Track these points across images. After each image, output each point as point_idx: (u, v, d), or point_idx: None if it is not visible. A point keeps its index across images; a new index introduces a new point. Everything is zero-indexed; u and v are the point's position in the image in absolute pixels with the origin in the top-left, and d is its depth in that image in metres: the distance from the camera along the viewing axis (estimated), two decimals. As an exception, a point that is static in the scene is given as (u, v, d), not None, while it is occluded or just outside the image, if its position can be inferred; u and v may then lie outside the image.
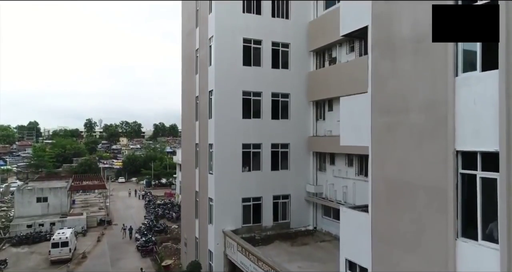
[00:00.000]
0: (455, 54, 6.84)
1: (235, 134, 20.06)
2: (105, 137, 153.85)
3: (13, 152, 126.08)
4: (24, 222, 35.54)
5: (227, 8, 20.03)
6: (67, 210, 39.84)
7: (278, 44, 21.34)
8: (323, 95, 20.63)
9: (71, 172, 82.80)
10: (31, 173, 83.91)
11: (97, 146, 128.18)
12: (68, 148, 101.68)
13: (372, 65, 8.81)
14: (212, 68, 20.23)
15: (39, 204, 38.04)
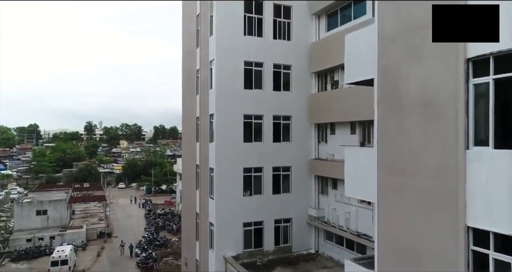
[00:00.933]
0: (466, 126, 6.60)
1: (236, 158, 19.82)
2: (105, 139, 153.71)
3: (13, 155, 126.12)
4: (23, 236, 35.33)
5: (228, 30, 19.78)
6: (67, 223, 39.63)
7: (280, 66, 21.10)
8: (325, 119, 20.40)
9: (71, 178, 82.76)
10: (31, 179, 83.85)
11: (97, 149, 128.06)
12: (68, 152, 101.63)
13: (378, 120, 8.56)
14: (213, 92, 19.99)
15: (39, 217, 37.85)
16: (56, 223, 38.39)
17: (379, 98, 8.56)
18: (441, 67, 7.07)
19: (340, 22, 20.14)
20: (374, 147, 8.73)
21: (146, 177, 75.19)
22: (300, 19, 21.47)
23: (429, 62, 7.33)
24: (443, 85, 7.02)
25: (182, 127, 26.27)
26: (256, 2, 20.46)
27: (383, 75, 8.48)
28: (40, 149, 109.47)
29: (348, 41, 9.62)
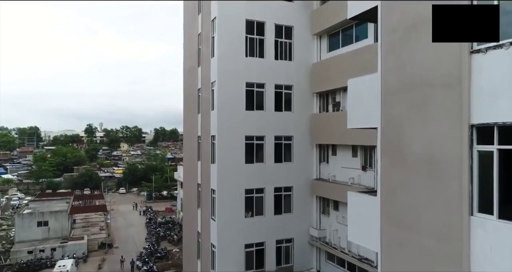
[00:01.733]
0: (470, 191, 6.61)
1: (237, 179, 19.82)
2: (105, 142, 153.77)
3: (13, 158, 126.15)
4: (24, 248, 35.36)
5: (230, 52, 19.78)
6: (68, 233, 39.65)
7: (281, 86, 21.10)
8: (326, 141, 20.42)
9: (72, 183, 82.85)
10: (32, 184, 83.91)
11: (97, 153, 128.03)
12: (69, 156, 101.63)
13: (382, 170, 8.57)
14: (215, 113, 20.00)
15: (40, 228, 37.89)
16: (57, 234, 38.43)
17: (383, 149, 8.56)
18: (446, 128, 7.08)
19: (342, 43, 20.15)
20: (377, 196, 8.74)
21: (147, 183, 75.20)
22: (301, 39, 21.47)
23: (433, 121, 7.33)
24: (448, 147, 7.03)
25: (183, 145, 26.29)
26: (258, 23, 20.47)
27: (386, 127, 8.49)
28: (40, 153, 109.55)
29: (351, 86, 9.64)
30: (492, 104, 6.29)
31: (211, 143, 20.49)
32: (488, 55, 6.37)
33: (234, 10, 19.80)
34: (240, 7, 19.89)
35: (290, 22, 21.25)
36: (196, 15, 23.78)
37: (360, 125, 9.26)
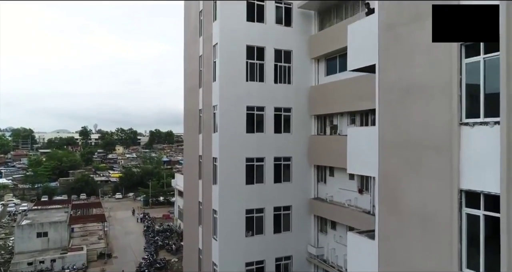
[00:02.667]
0: (459, 250, 7.34)
1: (238, 199, 20.47)
2: (100, 144, 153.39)
3: (8, 162, 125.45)
4: (24, 260, 35.69)
5: (231, 77, 20.41)
6: (67, 244, 40.02)
7: (281, 109, 21.79)
8: (324, 162, 21.14)
9: (68, 188, 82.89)
10: (28, 190, 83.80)
11: (93, 156, 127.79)
12: (64, 160, 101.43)
13: (379, 218, 9.27)
14: (216, 136, 20.63)
15: (39, 239, 38.24)
16: (56, 245, 38.79)
17: (380, 196, 9.27)
18: (438, 188, 7.80)
19: (339, 68, 20.87)
20: (375, 240, 9.45)
21: (144, 189, 75.56)
22: (300, 63, 22.17)
23: (427, 180, 8.06)
24: (439, 205, 7.75)
25: (184, 162, 26.84)
26: (258, 48, 21.14)
27: (383, 178, 9.20)
28: (36, 157, 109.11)
29: (351, 135, 10.40)
30: (479, 174, 7.03)
31: (213, 165, 21.13)
32: (475, 129, 7.11)
33: (235, 36, 20.45)
34: (241, 33, 20.54)
35: (289, 47, 21.95)
36: (197, 37, 24.38)
37: (359, 172, 9.98)
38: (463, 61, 7.37)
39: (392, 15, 8.93)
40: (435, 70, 7.83)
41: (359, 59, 10.22)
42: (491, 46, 6.89)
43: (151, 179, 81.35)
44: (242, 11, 20.66)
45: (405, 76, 8.57)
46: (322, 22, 22.26)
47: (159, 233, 49.24)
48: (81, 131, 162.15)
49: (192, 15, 25.82)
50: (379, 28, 9.25)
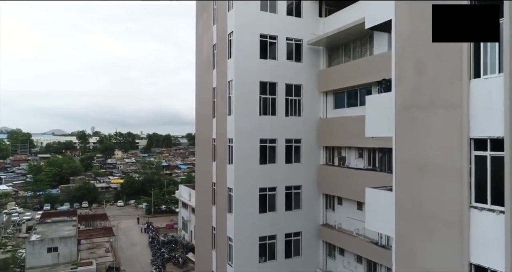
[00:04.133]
0: None
1: (252, 227, 21.62)
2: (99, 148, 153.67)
3: (7, 167, 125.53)
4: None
5: (245, 111, 21.57)
6: (76, 258, 40.96)
7: (291, 140, 23.01)
8: (333, 192, 22.39)
9: (69, 196, 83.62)
10: (30, 197, 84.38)
11: (92, 161, 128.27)
12: (65, 167, 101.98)
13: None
14: (232, 167, 21.78)
15: (50, 254, 39.14)
16: (66, 259, 39.73)
17: (396, 256, 10.49)
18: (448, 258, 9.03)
19: (347, 103, 22.14)
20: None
21: (146, 198, 76.59)
22: (309, 96, 23.39)
23: (438, 248, 9.28)
24: None
25: (196, 189, 27.95)
26: (270, 83, 22.34)
27: (399, 238, 10.42)
28: (36, 164, 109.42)
29: (369, 195, 11.56)
30: (487, 252, 8.26)
31: (228, 194, 22.27)
32: (483, 213, 8.36)
33: (249, 73, 21.63)
34: (254, 70, 21.73)
35: (299, 81, 23.17)
36: (210, 68, 25.52)
37: (377, 229, 11.18)
38: (472, 153, 8.61)
39: (408, 98, 10.16)
40: (448, 156, 9.06)
41: (377, 129, 11.43)
42: (497, 144, 8.14)
43: (152, 186, 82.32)
44: (256, 49, 21.85)
45: (420, 155, 9.79)
46: (331, 57, 23.50)
47: (164, 244, 50.26)
48: (79, 135, 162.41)
49: (204, 46, 26.94)
50: (396, 108, 10.48)
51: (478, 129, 8.46)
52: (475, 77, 8.59)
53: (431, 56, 9.49)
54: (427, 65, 9.62)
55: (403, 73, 10.32)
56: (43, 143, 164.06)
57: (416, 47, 9.91)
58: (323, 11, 23.88)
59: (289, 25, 22.85)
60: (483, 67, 8.44)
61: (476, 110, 8.50)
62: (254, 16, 21.81)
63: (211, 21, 25.47)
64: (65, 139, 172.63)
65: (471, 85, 8.60)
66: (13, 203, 78.51)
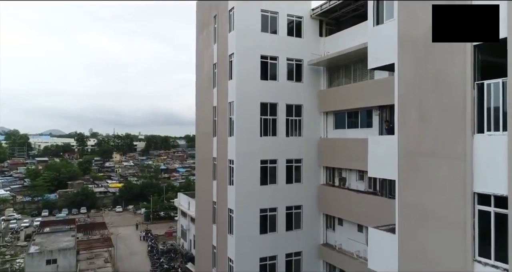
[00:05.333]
0: None
1: (253, 248, 21.65)
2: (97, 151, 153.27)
3: (4, 171, 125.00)
4: (35, 289, 36.52)
5: (247, 133, 21.60)
6: (75, 269, 40.86)
7: (292, 160, 23.05)
8: (333, 213, 22.46)
9: (68, 201, 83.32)
10: (28, 203, 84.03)
11: (90, 164, 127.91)
12: (63, 171, 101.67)
13: None
14: (232, 188, 21.81)
15: (49, 266, 39.03)
16: (65, 270, 39.62)
17: None
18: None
19: (348, 124, 22.21)
20: None
21: (145, 204, 76.53)
22: (310, 116, 23.43)
23: None
24: None
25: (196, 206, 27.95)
26: (271, 104, 22.37)
27: None
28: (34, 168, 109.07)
29: (372, 235, 11.60)
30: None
31: (229, 215, 22.29)
32: (487, 269, 8.41)
33: (250, 95, 21.66)
34: (255, 91, 21.77)
35: (300, 101, 23.21)
36: (210, 87, 25.54)
37: (381, 270, 11.22)
38: (476, 207, 8.68)
39: (411, 145, 10.22)
40: (451, 207, 9.12)
41: (380, 170, 11.49)
42: (501, 201, 8.21)
43: (151, 191, 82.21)
44: (256, 71, 21.88)
45: (423, 202, 9.85)
46: (331, 77, 23.55)
47: (164, 254, 50.18)
48: (77, 137, 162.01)
49: (205, 63, 26.94)
50: (399, 152, 10.53)
51: (482, 184, 8.52)
52: (478, 132, 8.65)
53: (435, 106, 9.54)
54: (430, 114, 9.67)
55: (406, 119, 10.38)
56: (40, 146, 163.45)
57: (420, 95, 9.96)
58: (324, 31, 23.94)
59: (290, 45, 22.89)
60: (487, 123, 8.50)
61: (480, 165, 8.56)
62: (255, 37, 21.84)
63: (211, 39, 25.48)
64: (63, 141, 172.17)
65: (474, 139, 8.66)
66: (11, 209, 78.19)
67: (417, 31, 10.07)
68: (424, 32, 9.85)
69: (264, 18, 22.23)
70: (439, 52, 9.42)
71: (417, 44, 10.07)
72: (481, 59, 8.72)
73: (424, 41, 9.87)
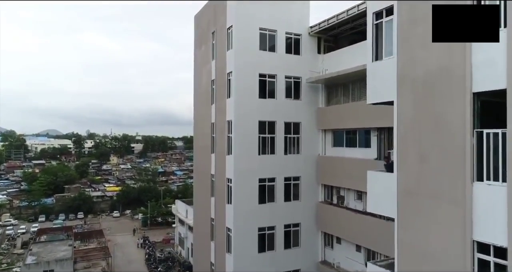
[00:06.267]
0: None
1: (251, 268, 21.59)
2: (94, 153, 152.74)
3: (1, 174, 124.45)
4: (32, 301, 36.31)
5: (245, 151, 21.57)
6: (73, 280, 40.69)
7: (290, 178, 23.02)
8: (331, 231, 22.46)
9: (65, 206, 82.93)
10: (24, 208, 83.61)
11: (88, 168, 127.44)
12: (60, 175, 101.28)
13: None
14: (231, 207, 21.76)
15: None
16: (62, 281, 39.45)
17: None
18: None
19: (346, 143, 22.21)
20: None
21: (141, 210, 76.36)
22: (308, 133, 23.42)
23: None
24: None
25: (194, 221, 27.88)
26: (269, 122, 22.34)
27: None
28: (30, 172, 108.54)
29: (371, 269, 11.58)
30: None
31: (227, 234, 22.25)
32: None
33: (248, 113, 21.63)
34: (253, 110, 21.74)
35: (298, 119, 23.19)
36: (209, 103, 25.46)
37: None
38: (475, 255, 8.67)
39: (410, 184, 10.20)
40: (451, 252, 9.11)
41: (379, 206, 11.47)
42: (500, 252, 8.20)
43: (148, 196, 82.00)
44: (255, 89, 21.85)
45: (422, 242, 9.83)
46: (329, 95, 23.53)
47: (161, 262, 50.01)
48: (74, 140, 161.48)
49: (203, 78, 26.87)
50: (398, 190, 10.52)
51: (482, 233, 8.51)
52: (478, 180, 8.64)
53: (435, 148, 9.53)
54: (430, 156, 9.66)
55: (406, 157, 10.37)
56: (37, 148, 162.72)
57: (420, 135, 9.96)
58: (322, 48, 23.94)
59: (288, 63, 22.87)
60: (486, 171, 8.50)
61: (480, 213, 8.56)
62: (253, 55, 21.80)
63: (209, 55, 25.42)
64: (60, 143, 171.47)
65: (474, 187, 8.66)
66: (7, 214, 77.75)
67: (417, 71, 10.07)
68: (424, 73, 9.86)
69: (262, 36, 22.19)
70: (439, 95, 9.41)
71: (416, 84, 10.07)
72: (481, 106, 8.72)
73: (423, 82, 9.88)
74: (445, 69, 9.25)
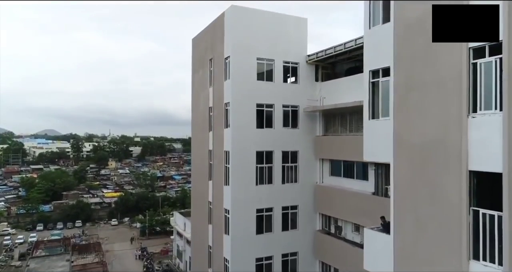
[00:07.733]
0: None
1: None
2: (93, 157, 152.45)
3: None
4: (30, 318, 36.19)
5: (242, 182, 21.52)
6: (71, 296, 40.60)
7: (288, 207, 22.98)
8: (329, 262, 22.40)
9: (63, 214, 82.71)
10: (22, 216, 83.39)
11: (86, 173, 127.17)
12: (58, 181, 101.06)
13: None
14: (228, 238, 21.71)
15: (44, 294, 38.73)
16: (60, 297, 39.38)
17: None
18: None
19: (343, 173, 22.15)
20: None
21: (139, 218, 76.25)
22: (305, 161, 23.36)
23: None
24: None
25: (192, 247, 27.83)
26: (267, 152, 22.29)
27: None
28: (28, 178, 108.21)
29: None
30: None
31: (224, 265, 22.20)
32: None
33: (246, 144, 21.57)
34: (251, 140, 21.68)
35: (296, 147, 23.14)
36: (206, 129, 25.39)
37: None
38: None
39: (407, 248, 10.18)
40: None
41: (376, 265, 11.43)
42: None
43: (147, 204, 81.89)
44: (252, 119, 21.79)
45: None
46: (327, 124, 23.46)
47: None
48: (72, 144, 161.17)
49: (201, 104, 26.80)
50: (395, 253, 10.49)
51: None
52: (474, 258, 8.61)
53: (431, 218, 9.50)
54: (427, 225, 9.64)
55: (402, 222, 10.34)
56: (35, 152, 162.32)
57: (416, 204, 9.93)
58: (320, 75, 23.89)
59: (286, 92, 22.83)
60: (483, 252, 8.47)
61: (476, 292, 8.52)
62: (251, 86, 21.74)
63: (207, 81, 25.35)
64: (58, 147, 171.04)
65: (470, 265, 8.62)
66: (5, 223, 77.45)
67: (413, 138, 10.04)
68: (421, 141, 9.82)
69: (260, 65, 22.14)
70: (436, 165, 9.38)
71: (413, 151, 10.03)
72: (477, 184, 8.68)
73: (420, 150, 9.84)
74: (442, 141, 9.22)
